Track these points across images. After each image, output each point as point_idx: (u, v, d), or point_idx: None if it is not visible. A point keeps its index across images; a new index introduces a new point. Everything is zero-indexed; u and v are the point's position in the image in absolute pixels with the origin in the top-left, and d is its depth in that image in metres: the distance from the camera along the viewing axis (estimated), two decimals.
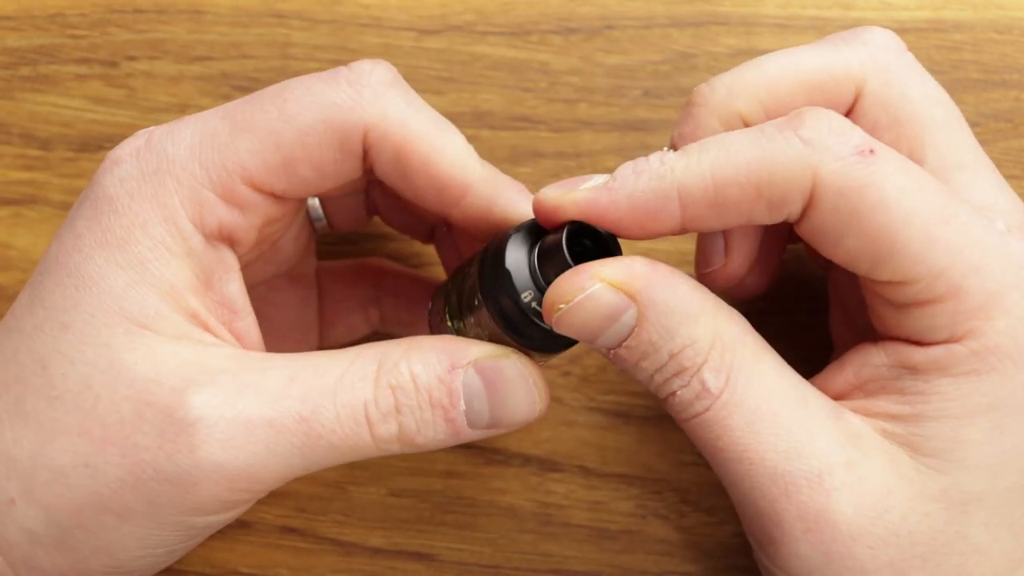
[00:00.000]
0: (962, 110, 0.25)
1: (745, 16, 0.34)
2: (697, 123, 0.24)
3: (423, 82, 0.34)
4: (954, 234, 0.21)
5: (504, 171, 0.26)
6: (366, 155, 0.24)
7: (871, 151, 0.21)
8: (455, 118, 0.25)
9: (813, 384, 0.24)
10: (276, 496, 0.32)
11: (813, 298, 0.31)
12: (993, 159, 0.32)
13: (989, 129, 0.33)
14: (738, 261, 0.26)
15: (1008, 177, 0.32)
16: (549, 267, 0.23)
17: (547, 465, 0.32)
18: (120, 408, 0.21)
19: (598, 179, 0.22)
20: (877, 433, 0.22)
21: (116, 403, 0.21)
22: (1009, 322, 0.21)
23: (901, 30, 0.33)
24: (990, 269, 0.21)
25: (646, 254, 0.23)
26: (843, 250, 0.22)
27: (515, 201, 0.25)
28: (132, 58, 0.35)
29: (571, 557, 0.31)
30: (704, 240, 0.27)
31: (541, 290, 0.23)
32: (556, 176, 0.33)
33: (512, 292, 0.23)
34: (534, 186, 0.24)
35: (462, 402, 0.22)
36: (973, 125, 0.26)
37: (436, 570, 0.31)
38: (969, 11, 0.33)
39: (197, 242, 0.23)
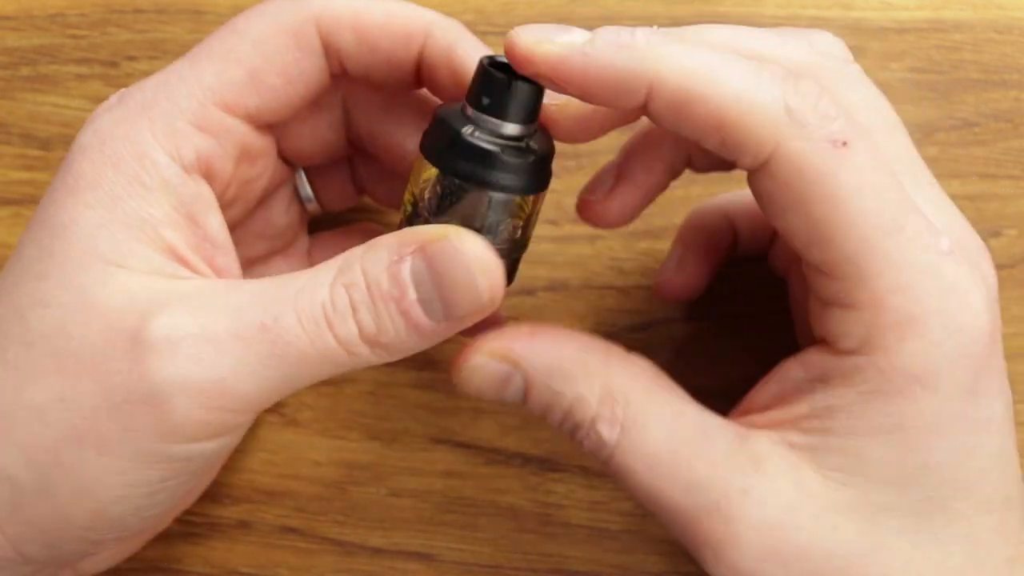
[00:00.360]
0: (962, 110, 0.25)
1: (745, 16, 0.34)
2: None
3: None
4: (892, 248, 0.21)
5: None
6: (329, 50, 0.24)
7: (844, 144, 0.21)
8: None
9: (747, 399, 0.24)
10: (276, 496, 0.32)
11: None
12: (993, 159, 0.33)
13: (989, 129, 0.33)
14: (689, 274, 0.28)
15: (1008, 177, 0.32)
16: (476, 90, 0.23)
17: (547, 465, 0.32)
18: (91, 340, 0.21)
19: (577, 35, 0.22)
20: (784, 449, 0.22)
21: (88, 337, 0.21)
22: (923, 346, 0.21)
23: (901, 30, 0.33)
24: (917, 291, 0.21)
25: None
26: (782, 221, 0.22)
27: (473, 49, 0.25)
28: (132, 58, 0.35)
29: (571, 557, 0.31)
30: (668, 257, 0.29)
31: (476, 121, 0.22)
32: (555, 175, 0.33)
33: (451, 131, 0.22)
34: None
35: (411, 290, 0.22)
36: (973, 125, 0.26)
37: (436, 570, 0.31)
38: (969, 11, 0.33)
39: (174, 173, 0.23)
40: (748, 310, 0.32)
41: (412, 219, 0.24)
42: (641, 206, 0.27)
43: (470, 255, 0.22)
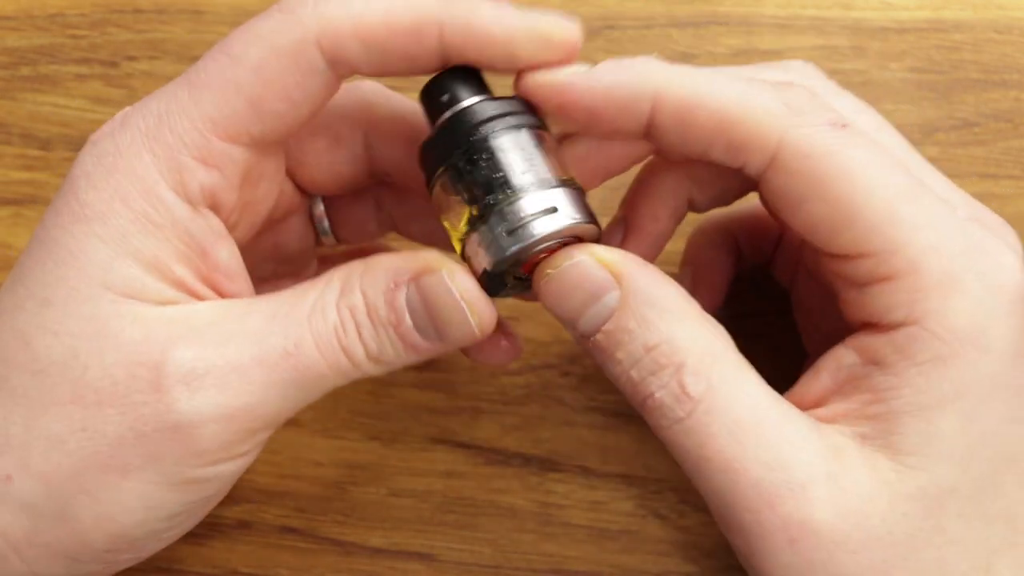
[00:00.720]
0: (962, 110, 0.25)
1: (745, 16, 0.34)
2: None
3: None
4: (916, 212, 0.21)
5: None
6: (338, 64, 0.23)
7: (844, 125, 0.21)
8: None
9: (791, 393, 0.24)
10: (276, 496, 0.32)
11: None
12: (993, 159, 0.33)
13: (989, 129, 0.33)
14: (703, 297, 0.27)
15: (1008, 177, 0.32)
16: (429, 103, 0.24)
17: (547, 465, 0.32)
18: (111, 372, 0.22)
19: (580, 67, 0.23)
20: (856, 441, 0.22)
21: (106, 368, 0.22)
22: (967, 304, 0.21)
23: (901, 30, 0.33)
24: (949, 250, 0.21)
25: None
26: (803, 214, 0.22)
27: (490, 13, 0.23)
28: (132, 58, 0.35)
29: (571, 557, 0.31)
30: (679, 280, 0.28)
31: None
32: None
33: (427, 142, 0.24)
34: None
35: (407, 318, 0.23)
36: (973, 125, 0.26)
37: (436, 570, 0.31)
38: (969, 11, 0.33)
39: (181, 211, 0.23)
40: (748, 311, 0.32)
41: (464, 242, 0.23)
42: (654, 254, 0.27)
43: (459, 291, 0.23)
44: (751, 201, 0.27)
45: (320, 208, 0.29)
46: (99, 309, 0.22)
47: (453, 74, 0.24)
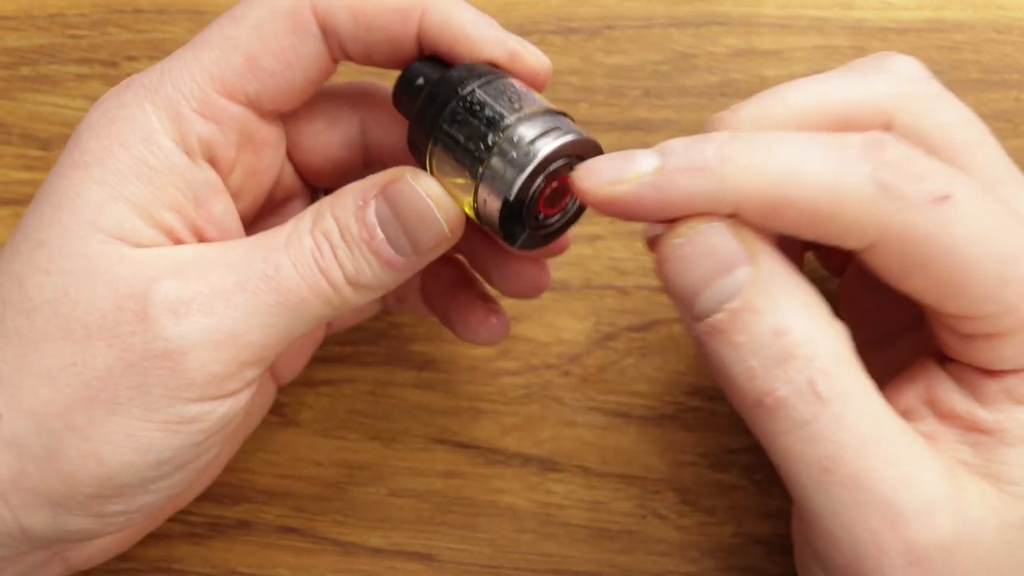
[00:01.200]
0: None
1: (745, 16, 0.34)
2: None
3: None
4: (1023, 273, 0.21)
5: None
6: (327, 33, 0.24)
7: (944, 197, 0.20)
8: None
9: None
10: (276, 496, 0.32)
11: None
12: None
13: (989, 129, 0.33)
14: None
15: None
16: (400, 93, 0.25)
17: (547, 465, 0.32)
18: (99, 307, 0.22)
19: (643, 162, 0.21)
20: (959, 464, 0.22)
21: (95, 303, 0.22)
22: None
23: (901, 30, 0.33)
24: None
25: None
26: (907, 286, 0.21)
27: (470, 18, 0.24)
28: (132, 58, 0.35)
29: (571, 557, 0.31)
30: None
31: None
32: None
33: (412, 122, 0.24)
34: None
35: (379, 231, 0.23)
36: None
37: (436, 570, 0.31)
38: (969, 11, 0.33)
39: (179, 159, 0.23)
40: None
41: (476, 203, 0.23)
42: None
43: (424, 190, 0.23)
44: None
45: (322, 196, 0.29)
46: (89, 248, 0.22)
47: (420, 63, 0.25)
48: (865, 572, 0.21)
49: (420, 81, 0.24)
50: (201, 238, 0.24)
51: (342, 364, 0.33)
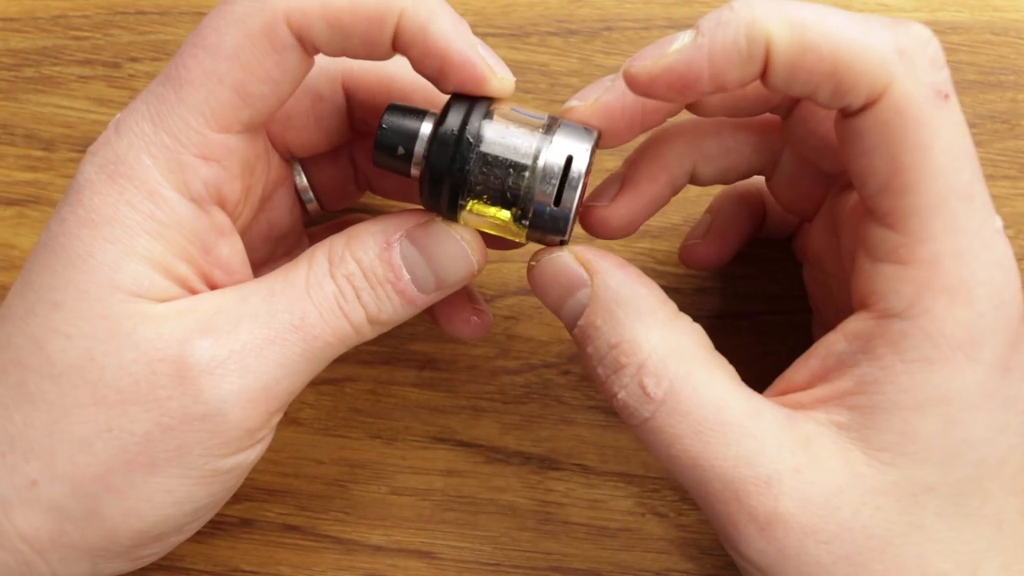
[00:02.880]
0: None
1: None
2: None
3: None
4: (961, 212, 0.21)
5: None
6: (303, 43, 0.23)
7: (947, 96, 0.21)
8: None
9: (783, 378, 0.24)
10: (277, 494, 0.32)
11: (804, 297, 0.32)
12: (990, 160, 0.33)
13: (986, 130, 0.33)
14: (716, 244, 0.29)
15: (1004, 178, 0.33)
16: (386, 141, 0.25)
17: (547, 463, 0.32)
18: (131, 371, 0.22)
19: (682, 36, 0.22)
20: (832, 430, 0.23)
21: (124, 367, 0.22)
22: (969, 316, 0.21)
23: None
24: (972, 260, 0.21)
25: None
26: (863, 161, 0.22)
27: (449, 24, 0.23)
28: (135, 59, 0.35)
29: (570, 555, 0.31)
30: (697, 226, 0.30)
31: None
32: None
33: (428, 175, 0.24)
34: None
35: (405, 272, 0.24)
36: (970, 126, 0.26)
37: (436, 568, 0.31)
38: (966, 13, 0.34)
39: (185, 209, 0.23)
40: (749, 310, 0.32)
41: (529, 236, 0.24)
42: (644, 216, 0.27)
43: (458, 232, 0.24)
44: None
45: (303, 178, 0.30)
46: (110, 309, 0.22)
47: (390, 128, 0.24)
48: (730, 539, 0.23)
49: (401, 151, 0.24)
50: (210, 283, 0.24)
51: (343, 363, 0.33)
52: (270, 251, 0.29)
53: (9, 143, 0.35)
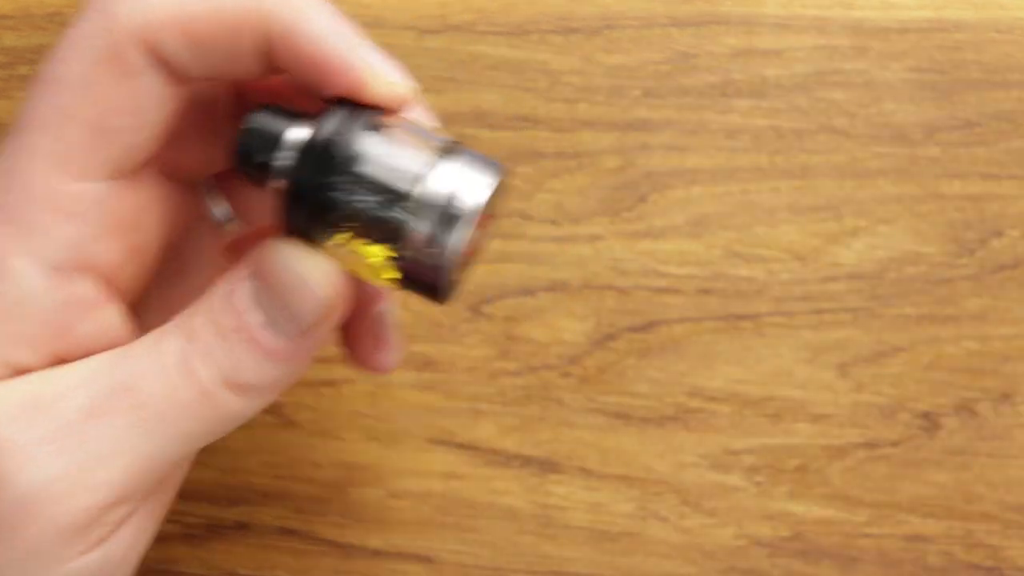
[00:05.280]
0: (964, 110, 0.25)
1: (746, 16, 0.34)
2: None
3: (423, 82, 0.34)
4: None
5: None
6: (162, 64, 0.20)
7: None
8: (455, 118, 0.25)
9: None
10: (274, 497, 0.32)
11: (806, 299, 0.31)
12: (995, 159, 0.32)
13: (991, 129, 0.33)
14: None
15: (1010, 177, 0.32)
16: (245, 153, 0.21)
17: (547, 466, 0.32)
18: None
19: None
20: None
21: None
22: None
23: (903, 30, 0.33)
24: None
25: None
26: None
27: (319, 23, 0.21)
28: None
29: (571, 559, 0.31)
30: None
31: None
32: (555, 176, 0.33)
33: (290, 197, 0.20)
34: (534, 186, 0.24)
35: (253, 314, 0.20)
36: (975, 125, 0.25)
37: (435, 572, 0.31)
38: (971, 11, 0.33)
39: (35, 284, 0.20)
40: (748, 310, 0.32)
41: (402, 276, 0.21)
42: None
43: (294, 258, 0.20)
44: None
45: (213, 197, 0.25)
46: None
47: (258, 121, 0.21)
48: None
49: (258, 159, 0.20)
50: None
51: (341, 364, 0.33)
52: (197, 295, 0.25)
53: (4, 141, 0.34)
